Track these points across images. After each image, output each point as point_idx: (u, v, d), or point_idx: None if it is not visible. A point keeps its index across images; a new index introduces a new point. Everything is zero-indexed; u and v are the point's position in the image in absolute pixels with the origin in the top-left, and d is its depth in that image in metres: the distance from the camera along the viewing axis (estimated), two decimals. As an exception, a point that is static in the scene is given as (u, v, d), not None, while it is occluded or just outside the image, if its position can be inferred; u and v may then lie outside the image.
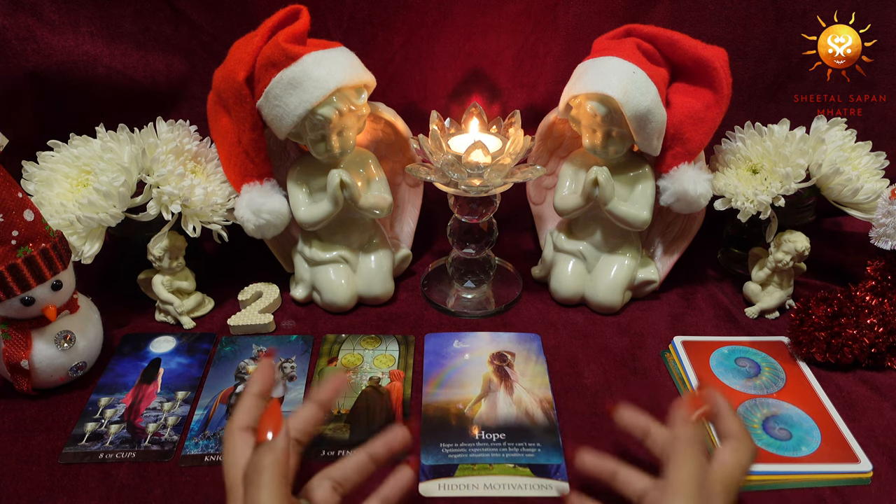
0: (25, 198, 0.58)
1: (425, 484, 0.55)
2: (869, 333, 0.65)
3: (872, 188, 0.71)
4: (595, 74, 0.67)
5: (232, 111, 0.69)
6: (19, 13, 0.72)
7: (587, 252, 0.76)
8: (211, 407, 0.63)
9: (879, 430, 0.60)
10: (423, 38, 0.79)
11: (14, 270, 0.57)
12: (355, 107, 0.68)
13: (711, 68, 0.67)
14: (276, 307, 0.77)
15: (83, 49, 0.75)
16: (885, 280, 0.67)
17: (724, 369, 0.66)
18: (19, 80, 0.74)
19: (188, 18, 0.77)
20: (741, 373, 0.66)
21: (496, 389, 0.65)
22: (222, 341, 0.72)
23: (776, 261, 0.72)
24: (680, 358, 0.67)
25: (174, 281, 0.73)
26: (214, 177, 0.74)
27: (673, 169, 0.70)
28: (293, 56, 0.65)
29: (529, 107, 0.83)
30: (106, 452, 0.58)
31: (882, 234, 0.66)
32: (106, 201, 0.66)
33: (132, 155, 0.68)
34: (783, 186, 0.70)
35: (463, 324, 0.74)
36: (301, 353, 0.70)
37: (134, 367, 0.68)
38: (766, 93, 0.83)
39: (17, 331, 0.61)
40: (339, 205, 0.72)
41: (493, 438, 0.59)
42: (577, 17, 0.79)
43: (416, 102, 0.83)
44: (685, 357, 0.67)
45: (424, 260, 0.86)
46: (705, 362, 0.67)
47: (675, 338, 0.70)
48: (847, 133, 0.74)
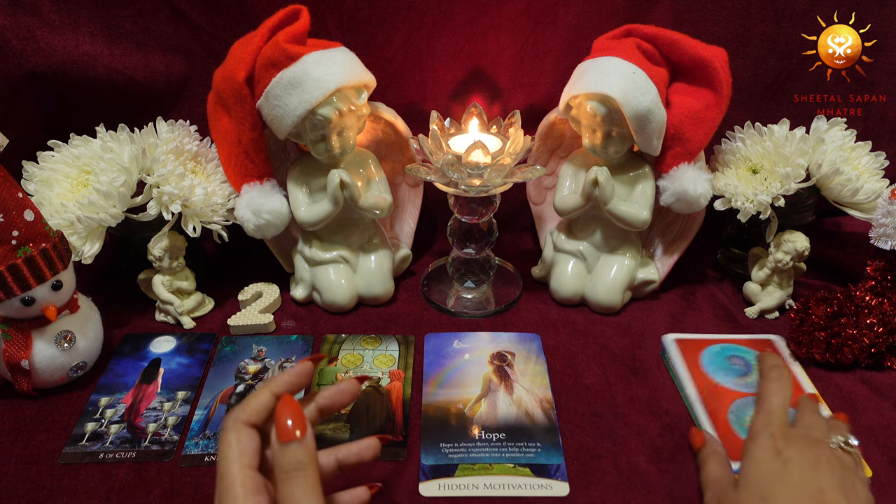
0: (25, 198, 0.58)
1: (425, 484, 0.55)
2: (869, 333, 0.65)
3: (872, 188, 0.71)
4: (595, 74, 0.67)
5: (232, 111, 0.69)
6: (19, 13, 0.72)
7: (587, 252, 0.77)
8: (211, 407, 0.63)
9: (879, 430, 0.60)
10: (423, 38, 0.79)
11: (14, 270, 0.57)
12: (355, 107, 0.68)
13: (711, 68, 0.67)
14: (276, 307, 0.77)
15: (83, 49, 0.75)
16: (884, 280, 0.67)
17: (716, 367, 0.66)
18: (19, 80, 0.74)
19: (188, 18, 0.77)
20: (733, 371, 0.65)
21: (496, 389, 0.65)
22: (222, 341, 0.72)
23: (776, 261, 0.72)
24: (670, 356, 0.67)
25: (174, 281, 0.73)
26: (214, 177, 0.74)
27: (673, 169, 0.70)
28: (293, 56, 0.65)
29: (529, 107, 0.83)
30: (106, 452, 0.58)
31: (882, 234, 0.66)
32: (106, 201, 0.66)
33: (132, 155, 0.68)
34: (783, 186, 0.70)
35: (463, 324, 0.74)
36: (301, 353, 0.70)
37: (134, 367, 0.68)
38: (766, 93, 0.83)
39: (17, 331, 0.61)
40: (339, 205, 0.72)
41: (493, 438, 0.59)
42: (577, 17, 0.79)
43: (416, 102, 0.83)
44: (677, 354, 0.67)
45: (424, 260, 0.86)
46: (696, 360, 0.67)
47: (666, 335, 0.70)
48: (847, 133, 0.74)
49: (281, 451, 0.40)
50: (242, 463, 0.40)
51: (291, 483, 0.39)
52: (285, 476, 0.39)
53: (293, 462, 0.40)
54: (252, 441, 0.41)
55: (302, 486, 0.39)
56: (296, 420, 0.41)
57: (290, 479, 0.39)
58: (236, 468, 0.40)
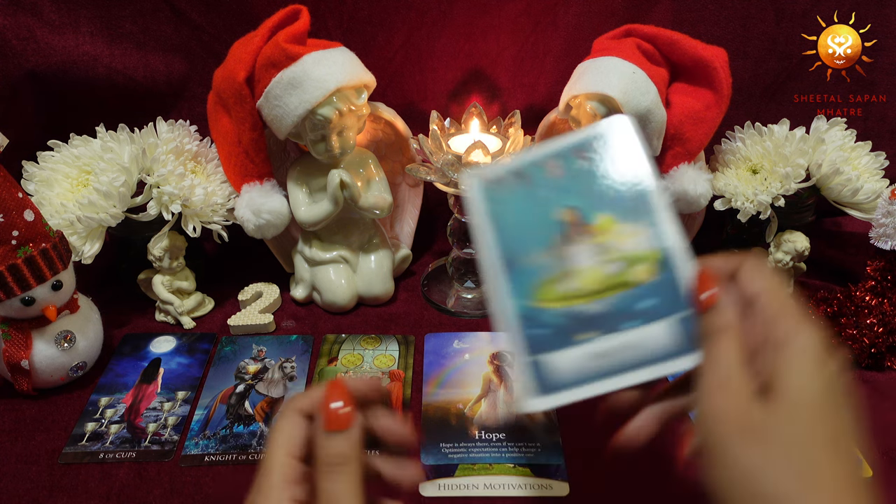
0: (25, 198, 0.58)
1: (425, 484, 0.55)
2: (869, 333, 0.65)
3: (872, 188, 0.71)
4: (595, 74, 0.67)
5: (232, 111, 0.69)
6: (19, 13, 0.72)
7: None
8: (211, 407, 0.63)
9: (879, 430, 0.60)
10: (423, 38, 0.79)
11: (14, 270, 0.57)
12: (355, 107, 0.68)
13: (711, 68, 0.67)
14: (276, 307, 0.77)
15: (83, 49, 0.75)
16: (885, 280, 0.67)
17: None
18: (19, 80, 0.74)
19: (188, 18, 0.77)
20: None
21: (496, 389, 0.65)
22: (222, 341, 0.72)
23: (776, 261, 0.72)
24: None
25: (174, 281, 0.73)
26: (214, 177, 0.74)
27: (673, 169, 0.70)
28: (293, 56, 0.65)
29: (529, 107, 0.83)
30: (106, 452, 0.58)
31: (882, 234, 0.66)
32: (106, 201, 0.66)
33: (132, 155, 0.68)
34: (783, 186, 0.70)
35: (463, 324, 0.74)
36: (301, 353, 0.70)
37: (134, 367, 0.68)
38: (766, 93, 0.83)
39: (17, 331, 0.61)
40: (340, 205, 0.72)
41: (493, 438, 0.59)
42: (577, 17, 0.79)
43: (416, 102, 0.83)
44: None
45: (424, 260, 0.86)
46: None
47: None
48: (847, 133, 0.74)
49: (325, 442, 0.37)
50: (287, 451, 0.38)
51: (333, 478, 0.36)
52: (328, 470, 0.37)
53: (337, 455, 0.37)
54: (302, 430, 0.38)
55: (344, 483, 0.36)
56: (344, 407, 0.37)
57: (333, 473, 0.37)
58: (279, 455, 0.38)
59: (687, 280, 0.37)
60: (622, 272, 0.38)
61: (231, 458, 0.58)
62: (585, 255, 0.39)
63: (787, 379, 0.31)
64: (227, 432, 0.60)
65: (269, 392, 0.65)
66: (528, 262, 0.40)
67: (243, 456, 0.58)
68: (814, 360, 0.32)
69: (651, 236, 0.38)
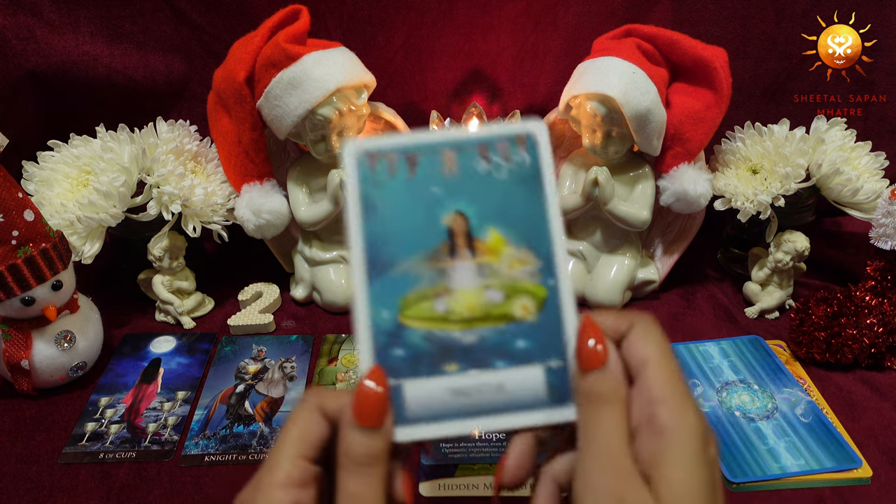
0: (25, 198, 0.58)
1: (425, 484, 0.55)
2: (869, 333, 0.65)
3: (872, 188, 0.71)
4: (595, 74, 0.67)
5: (232, 111, 0.69)
6: (19, 13, 0.72)
7: (587, 252, 0.76)
8: (211, 407, 0.63)
9: (879, 430, 0.60)
10: (423, 38, 0.79)
11: (14, 270, 0.57)
12: (355, 107, 0.68)
13: (711, 68, 0.67)
14: (276, 307, 0.77)
15: (83, 49, 0.75)
16: (885, 280, 0.67)
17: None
18: (19, 80, 0.74)
19: (188, 18, 0.77)
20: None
21: (496, 389, 0.64)
22: (222, 341, 0.72)
23: (776, 261, 0.72)
24: None
25: (174, 281, 0.73)
26: (214, 177, 0.74)
27: (673, 169, 0.70)
28: (293, 56, 0.65)
29: (529, 107, 0.83)
30: (106, 452, 0.58)
31: (882, 234, 0.66)
32: (106, 201, 0.66)
33: (132, 155, 0.68)
34: (783, 186, 0.70)
35: (463, 324, 0.74)
36: (301, 353, 0.70)
37: (134, 367, 0.68)
38: (766, 93, 0.83)
39: (17, 331, 0.61)
40: (339, 205, 0.72)
41: (493, 438, 0.59)
42: (577, 17, 0.79)
43: (416, 102, 0.83)
44: None
45: (424, 260, 0.86)
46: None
47: None
48: (847, 133, 0.74)
49: (354, 437, 0.32)
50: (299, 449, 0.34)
51: (359, 479, 0.32)
52: (355, 468, 0.32)
53: (366, 455, 0.32)
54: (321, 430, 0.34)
55: (372, 486, 0.32)
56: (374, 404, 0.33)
57: (360, 474, 0.32)
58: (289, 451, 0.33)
59: (569, 328, 0.33)
60: (502, 303, 0.33)
61: (231, 459, 0.58)
62: (467, 274, 0.34)
63: (668, 471, 0.30)
64: (227, 432, 0.60)
65: (269, 392, 0.65)
66: (402, 268, 0.34)
67: (243, 456, 0.58)
68: (695, 453, 0.31)
69: (540, 269, 0.34)
